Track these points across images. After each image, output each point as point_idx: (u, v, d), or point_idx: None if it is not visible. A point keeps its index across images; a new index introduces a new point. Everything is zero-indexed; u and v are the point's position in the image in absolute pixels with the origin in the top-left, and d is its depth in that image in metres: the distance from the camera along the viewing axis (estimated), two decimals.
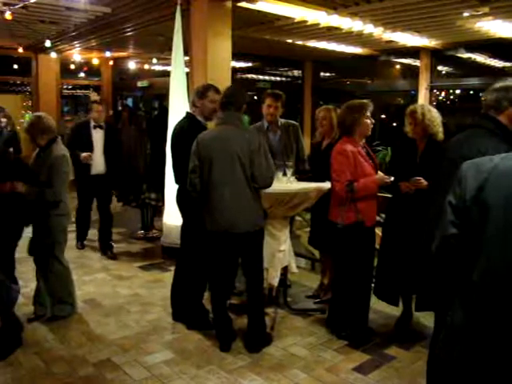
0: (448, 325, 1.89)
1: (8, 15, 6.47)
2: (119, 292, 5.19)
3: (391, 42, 8.51)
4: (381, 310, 4.53)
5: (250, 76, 13.44)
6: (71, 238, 7.33)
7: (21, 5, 6.28)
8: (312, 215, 5.01)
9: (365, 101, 4.07)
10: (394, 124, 11.37)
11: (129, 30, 8.00)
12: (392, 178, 3.91)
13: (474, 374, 1.78)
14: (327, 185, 4.30)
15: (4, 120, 7.89)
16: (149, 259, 6.35)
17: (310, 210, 4.91)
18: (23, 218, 4.15)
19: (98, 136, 6.38)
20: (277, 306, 4.65)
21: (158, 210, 7.24)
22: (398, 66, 11.37)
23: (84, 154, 6.11)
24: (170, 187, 5.58)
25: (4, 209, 3.98)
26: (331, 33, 7.82)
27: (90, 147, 6.25)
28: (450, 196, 1.88)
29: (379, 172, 4.15)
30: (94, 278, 5.59)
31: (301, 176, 4.63)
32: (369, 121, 4.01)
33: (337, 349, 3.97)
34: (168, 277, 5.34)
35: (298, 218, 5.77)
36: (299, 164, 4.98)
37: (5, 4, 6.34)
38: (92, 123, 6.39)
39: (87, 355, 3.84)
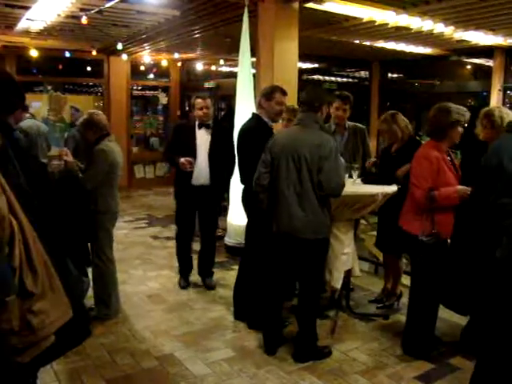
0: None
1: (84, 20, 6.73)
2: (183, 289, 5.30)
3: (462, 41, 8.22)
4: (446, 318, 4.40)
5: (316, 77, 13.37)
6: (143, 234, 7.58)
7: (96, 10, 6.52)
8: (379, 218, 4.91)
9: (463, 107, 3.83)
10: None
11: (197, 32, 8.13)
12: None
13: None
14: (393, 188, 4.22)
15: None
16: None
17: (377, 213, 4.81)
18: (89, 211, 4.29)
19: (203, 138, 5.08)
20: (339, 310, 4.60)
21: (223, 210, 7.32)
22: (468, 66, 10.98)
23: (182, 160, 4.87)
24: (236, 187, 5.63)
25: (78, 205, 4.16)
26: (400, 33, 7.65)
27: (192, 152, 5.01)
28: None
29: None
30: (159, 275, 5.72)
31: (367, 178, 4.57)
32: (461, 129, 3.78)
33: (399, 356, 3.90)
34: (231, 276, 5.41)
35: (362, 222, 5.69)
36: (365, 166, 4.92)
37: (81, 10, 6.60)
38: (196, 122, 5.14)
39: (151, 349, 3.95)
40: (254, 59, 6.24)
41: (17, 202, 1.89)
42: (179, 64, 12.82)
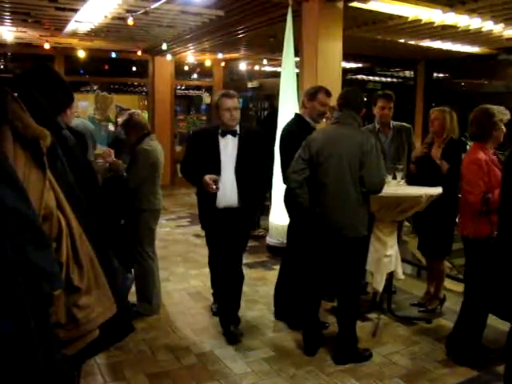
0: None
1: (130, 21, 6.86)
2: None
3: None
4: (491, 324, 4.28)
5: (360, 77, 13.25)
6: (185, 232, 7.67)
7: (142, 11, 6.64)
8: (421, 222, 4.81)
9: (503, 107, 3.80)
10: None
11: (241, 32, 8.18)
12: None
13: None
14: (438, 190, 4.14)
15: None
16: (254, 257, 6.43)
17: (419, 216, 4.71)
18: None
19: (228, 148, 4.01)
20: (380, 312, 4.54)
21: (265, 209, 7.33)
22: None
23: (206, 179, 3.83)
24: (278, 187, 5.62)
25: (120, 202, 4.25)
26: (446, 31, 7.51)
27: (215, 166, 3.96)
28: None
29: None
30: (201, 273, 5.75)
31: (411, 180, 4.49)
32: (504, 128, 3.75)
33: (441, 361, 3.81)
34: (272, 275, 5.40)
35: (406, 224, 5.60)
36: (410, 167, 4.85)
37: (128, 11, 6.73)
38: (220, 129, 4.05)
39: (191, 346, 3.99)
40: (297, 59, 6.23)
41: (65, 199, 1.95)
42: (223, 64, 12.91)
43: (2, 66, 11.21)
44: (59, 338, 1.86)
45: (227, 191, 3.97)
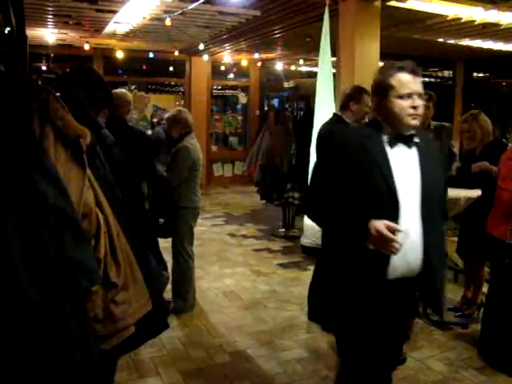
0: None
1: (168, 22, 6.94)
2: (258, 287, 5.34)
3: None
4: None
5: None
6: (220, 231, 7.72)
7: (179, 12, 6.70)
8: (461, 224, 4.73)
9: None
10: None
11: (277, 31, 8.17)
12: None
13: None
14: (477, 192, 4.05)
15: None
16: (288, 257, 6.44)
17: (459, 219, 4.63)
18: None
19: (403, 167, 2.20)
20: (416, 316, 4.47)
21: (300, 210, 7.31)
22: None
23: (383, 230, 2.03)
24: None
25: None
26: (487, 30, 7.32)
27: (386, 200, 2.15)
28: None
29: None
30: (235, 272, 5.79)
31: (449, 182, 4.40)
32: None
33: (478, 368, 3.72)
34: (306, 276, 5.39)
35: None
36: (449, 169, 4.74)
37: (165, 12, 6.82)
38: (386, 135, 2.22)
39: (224, 344, 4.01)
40: (334, 59, 6.18)
41: (103, 197, 1.99)
42: (259, 64, 12.92)
43: (44, 67, 11.47)
44: (97, 333, 1.90)
45: (411, 248, 2.18)
